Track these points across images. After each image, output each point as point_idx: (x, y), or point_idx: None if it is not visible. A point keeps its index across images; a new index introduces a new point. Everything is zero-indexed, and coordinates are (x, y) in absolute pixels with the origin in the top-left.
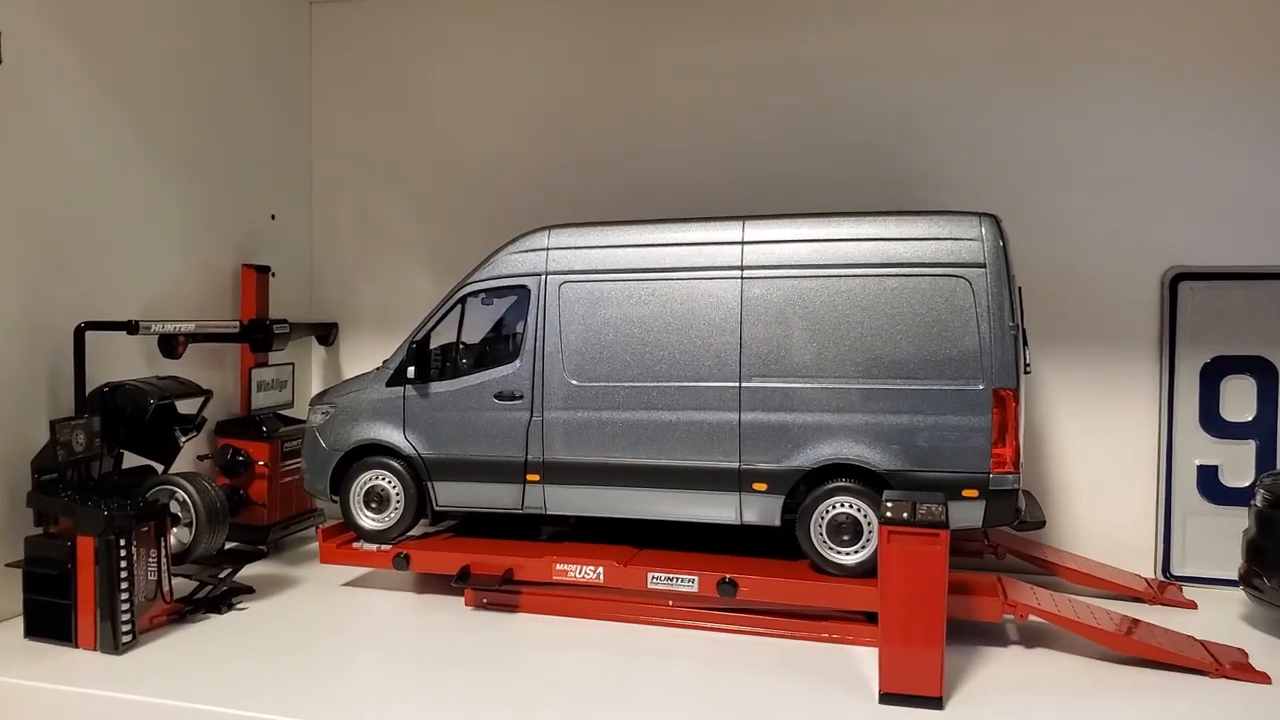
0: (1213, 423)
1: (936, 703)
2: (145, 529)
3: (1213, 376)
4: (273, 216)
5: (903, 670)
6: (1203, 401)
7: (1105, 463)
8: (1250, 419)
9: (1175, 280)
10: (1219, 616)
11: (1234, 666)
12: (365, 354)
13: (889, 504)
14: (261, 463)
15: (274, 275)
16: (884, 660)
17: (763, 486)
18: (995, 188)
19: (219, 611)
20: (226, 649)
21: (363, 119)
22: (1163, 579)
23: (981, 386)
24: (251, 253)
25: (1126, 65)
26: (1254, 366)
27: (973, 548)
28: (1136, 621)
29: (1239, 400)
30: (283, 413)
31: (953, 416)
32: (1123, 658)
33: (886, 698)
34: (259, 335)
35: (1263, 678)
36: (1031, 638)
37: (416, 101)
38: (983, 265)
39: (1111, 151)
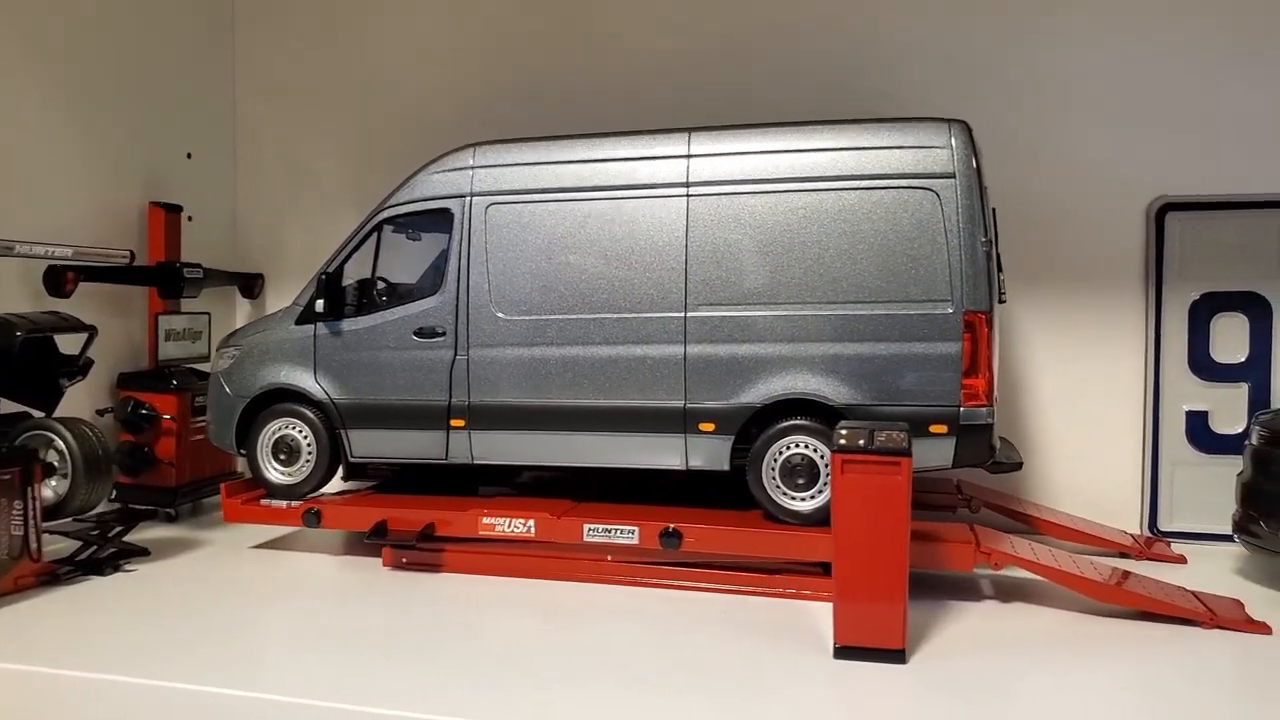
0: (1202, 365)
1: (898, 656)
2: (7, 477)
3: (1202, 315)
4: (189, 155)
5: (861, 620)
6: (1191, 342)
7: (1088, 410)
8: (1242, 360)
9: (1162, 211)
10: (1211, 571)
11: (1230, 617)
12: None
13: (844, 430)
14: (168, 417)
15: (190, 219)
16: (839, 608)
17: (710, 427)
18: (967, 111)
19: (101, 574)
20: (101, 613)
21: (290, 53)
22: (1150, 534)
23: (950, 310)
24: (163, 192)
25: None
26: (1246, 303)
27: (945, 501)
28: (1126, 573)
29: (1230, 340)
30: (198, 367)
31: (919, 344)
32: (1108, 611)
33: (842, 651)
34: (167, 279)
35: (1262, 628)
36: (1010, 592)
37: (347, 34)
38: (951, 176)
39: (1095, 73)
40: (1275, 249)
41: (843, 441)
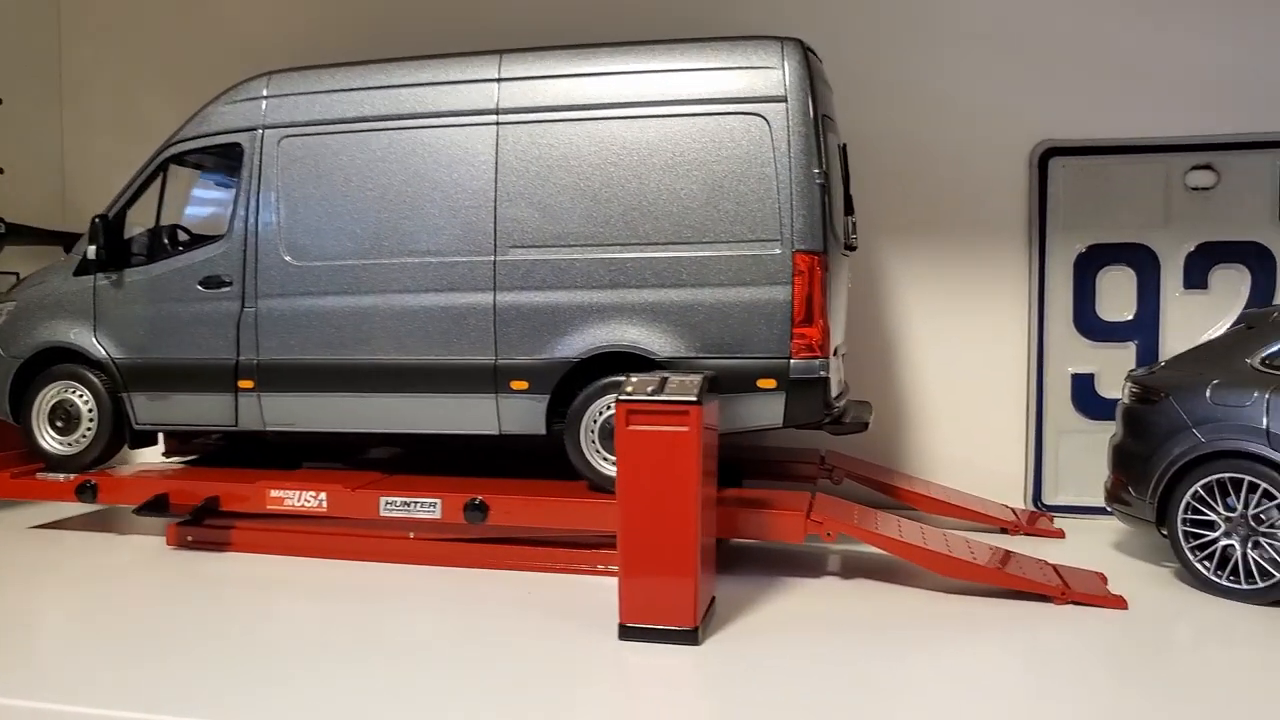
0: (1088, 323)
1: (690, 636)
2: None
3: (1088, 269)
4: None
5: (647, 596)
6: (1077, 299)
7: (967, 374)
8: (1130, 318)
9: (1045, 156)
10: (1089, 545)
11: (1085, 592)
12: None
13: (633, 379)
14: None
15: (1, 171)
16: (624, 583)
17: (523, 385)
18: (832, 45)
19: None
20: None
21: None
22: (1033, 509)
23: (779, 250)
24: None
25: None
26: (1133, 256)
27: (806, 472)
28: (979, 544)
29: (1117, 296)
30: None
31: (746, 289)
32: (959, 589)
33: (627, 631)
34: None
35: (1117, 602)
36: (856, 569)
37: None
38: (782, 99)
39: (973, 4)
40: (1162, 197)
41: (629, 390)
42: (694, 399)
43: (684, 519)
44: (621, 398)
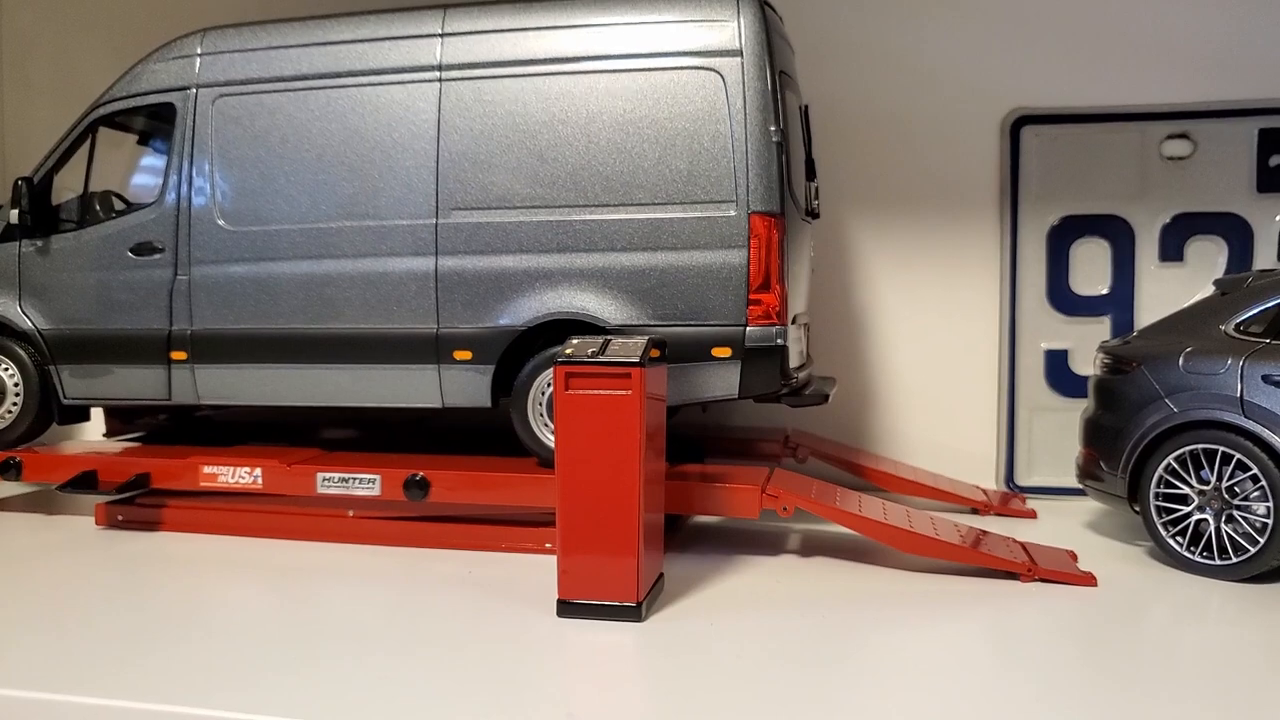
0: (1062, 297)
1: (632, 613)
2: None
3: (1061, 241)
4: None
5: (588, 570)
6: (1051, 272)
7: (938, 351)
8: (1104, 292)
9: (1017, 124)
10: (1061, 525)
11: (1053, 570)
12: None
13: (573, 342)
14: None
15: None
16: (562, 557)
17: (466, 355)
18: (795, 5)
19: None
20: None
21: None
22: (1006, 490)
23: (734, 213)
24: None
25: None
26: (1108, 228)
27: (769, 450)
28: (943, 522)
29: (1091, 269)
30: None
31: (699, 253)
32: (922, 566)
33: (566, 608)
34: None
35: (1086, 579)
36: (813, 548)
37: None
38: (738, 54)
39: None
40: (1137, 167)
41: (568, 353)
42: (636, 361)
43: (626, 488)
44: (560, 359)
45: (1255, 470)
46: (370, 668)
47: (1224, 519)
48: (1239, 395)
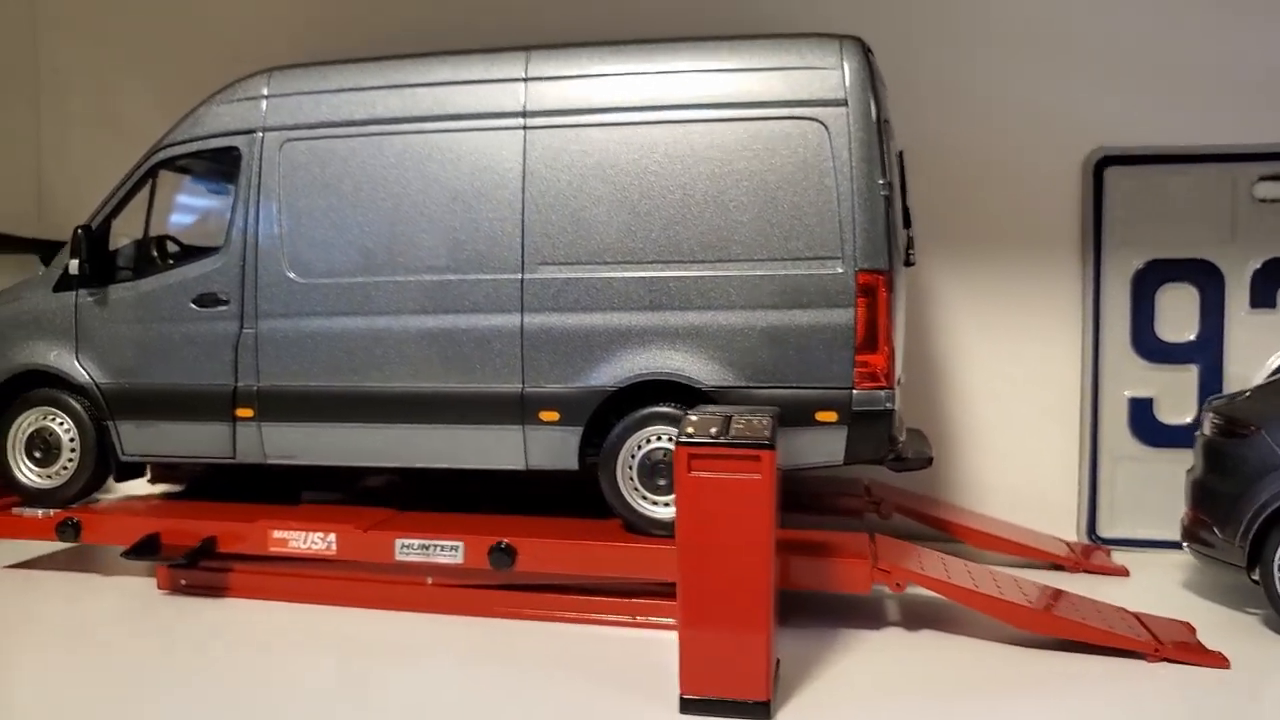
0: (1147, 345)
1: (761, 710)
2: None
3: (1147, 286)
4: None
5: (712, 664)
6: (1135, 318)
7: (1017, 397)
8: (1192, 339)
9: (1101, 164)
10: (1157, 585)
11: (1178, 647)
12: None
13: (693, 418)
14: None
15: None
16: (685, 649)
17: (553, 416)
18: (882, 47)
19: None
20: None
21: None
22: (1088, 542)
23: (841, 270)
24: None
25: None
26: (1196, 272)
27: (851, 505)
28: (1057, 592)
29: (1178, 316)
30: None
31: (803, 312)
32: (1036, 642)
33: (690, 704)
34: None
35: (1217, 659)
36: (918, 618)
37: None
38: (842, 103)
39: (1020, 3)
40: (1228, 209)
41: (689, 431)
42: (767, 443)
43: (756, 576)
44: (682, 440)
45: None
46: None
47: None
48: None
